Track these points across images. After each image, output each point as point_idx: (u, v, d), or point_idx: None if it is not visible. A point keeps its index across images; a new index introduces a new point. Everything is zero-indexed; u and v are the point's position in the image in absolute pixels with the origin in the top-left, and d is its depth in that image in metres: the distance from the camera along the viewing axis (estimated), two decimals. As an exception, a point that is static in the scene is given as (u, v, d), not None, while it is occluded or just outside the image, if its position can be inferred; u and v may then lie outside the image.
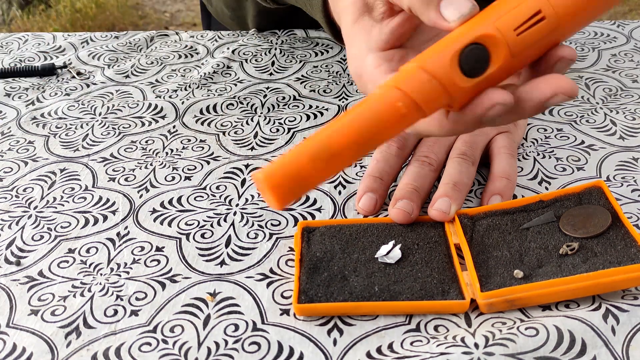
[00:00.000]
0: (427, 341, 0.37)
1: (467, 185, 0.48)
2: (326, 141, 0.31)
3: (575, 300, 0.39)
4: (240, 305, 0.40)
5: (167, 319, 0.40)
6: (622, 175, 0.50)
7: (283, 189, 0.31)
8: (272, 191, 0.31)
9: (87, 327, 0.39)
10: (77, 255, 0.45)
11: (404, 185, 0.47)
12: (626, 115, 0.58)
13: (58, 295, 0.42)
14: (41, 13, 3.18)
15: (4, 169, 0.55)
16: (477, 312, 0.39)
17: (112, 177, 0.53)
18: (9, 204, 0.50)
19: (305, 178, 0.31)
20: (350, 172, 0.52)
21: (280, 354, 0.37)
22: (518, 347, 0.36)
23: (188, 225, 0.47)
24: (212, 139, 0.58)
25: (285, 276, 0.43)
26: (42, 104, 0.65)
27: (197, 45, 0.76)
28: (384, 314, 0.39)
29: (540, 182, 0.50)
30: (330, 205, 0.49)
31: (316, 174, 0.31)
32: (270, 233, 0.46)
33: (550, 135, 0.56)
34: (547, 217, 0.44)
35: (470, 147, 0.50)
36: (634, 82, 0.64)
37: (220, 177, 0.53)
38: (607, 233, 0.41)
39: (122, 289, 0.42)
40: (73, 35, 0.79)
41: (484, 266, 0.41)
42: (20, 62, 0.74)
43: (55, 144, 0.58)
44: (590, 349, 0.36)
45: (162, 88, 0.67)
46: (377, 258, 0.42)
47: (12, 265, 0.44)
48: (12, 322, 0.40)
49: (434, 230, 0.45)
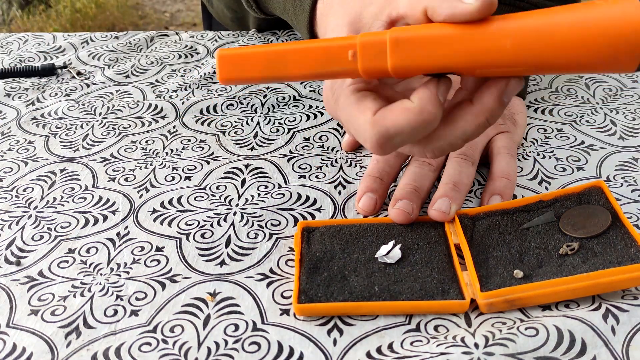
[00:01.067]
0: (427, 341, 0.37)
1: (467, 185, 0.48)
2: (281, 59, 0.36)
3: (575, 300, 0.39)
4: (240, 305, 0.40)
5: (167, 319, 0.40)
6: (622, 175, 0.50)
7: (230, 75, 0.37)
8: (220, 69, 0.37)
9: (87, 327, 0.39)
10: (77, 255, 0.45)
11: (403, 185, 0.47)
12: (626, 116, 0.58)
13: (58, 295, 0.42)
14: (41, 13, 3.18)
15: (4, 169, 0.55)
16: (477, 312, 0.39)
17: (112, 177, 0.53)
18: (9, 204, 0.50)
19: (252, 76, 0.37)
20: (350, 172, 0.53)
21: (280, 354, 0.37)
22: (518, 347, 0.36)
23: (188, 225, 0.47)
24: (212, 139, 0.58)
25: (285, 276, 0.43)
26: (42, 104, 0.65)
27: (197, 45, 0.76)
28: (384, 314, 0.39)
29: (540, 182, 0.50)
30: (330, 205, 0.49)
31: (262, 76, 0.37)
32: (270, 233, 0.46)
33: (550, 135, 0.56)
34: (547, 217, 0.44)
35: (470, 147, 0.50)
36: (634, 82, 0.64)
37: (220, 177, 0.53)
38: (607, 233, 0.41)
39: (122, 289, 0.42)
40: (73, 36, 0.79)
41: (484, 266, 0.41)
42: (20, 62, 0.74)
43: (55, 144, 0.58)
44: (590, 348, 0.36)
45: (162, 88, 0.67)
46: (377, 258, 0.42)
47: (12, 265, 0.44)
48: (12, 322, 0.40)
49: (434, 230, 0.45)
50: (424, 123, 0.35)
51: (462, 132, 0.37)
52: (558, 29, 0.33)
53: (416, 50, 0.34)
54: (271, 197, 0.50)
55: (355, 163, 0.54)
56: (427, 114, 0.35)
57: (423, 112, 0.34)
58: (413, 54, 0.34)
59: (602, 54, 0.32)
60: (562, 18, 0.33)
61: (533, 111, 0.60)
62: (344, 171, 0.53)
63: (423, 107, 0.34)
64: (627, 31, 0.31)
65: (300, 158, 0.55)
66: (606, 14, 0.32)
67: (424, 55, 0.34)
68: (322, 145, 0.56)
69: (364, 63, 0.35)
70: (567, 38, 0.32)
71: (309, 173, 0.53)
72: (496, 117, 0.37)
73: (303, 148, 0.56)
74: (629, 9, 0.31)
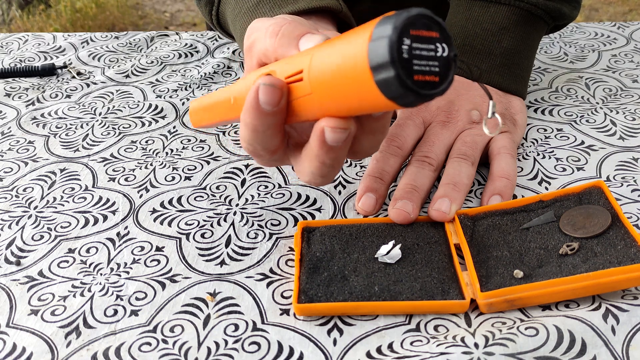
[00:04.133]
0: (427, 341, 0.37)
1: (467, 185, 0.48)
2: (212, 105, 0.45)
3: (575, 300, 0.39)
4: (240, 305, 0.40)
5: (167, 319, 0.40)
6: (622, 175, 0.50)
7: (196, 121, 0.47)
8: (190, 117, 0.48)
9: (87, 327, 0.39)
10: (77, 255, 0.45)
11: (403, 185, 0.47)
12: (626, 116, 0.58)
13: (58, 295, 0.42)
14: (41, 13, 3.18)
15: (4, 169, 0.55)
16: (477, 312, 0.39)
17: (112, 177, 0.53)
18: (9, 204, 0.50)
19: (205, 120, 0.46)
20: (350, 172, 0.53)
21: (280, 354, 0.37)
22: (518, 347, 0.36)
23: (188, 225, 0.47)
24: (212, 139, 0.58)
25: (285, 276, 0.43)
26: (42, 104, 0.65)
27: (197, 44, 0.76)
28: (384, 314, 0.39)
29: (540, 182, 0.50)
30: (330, 205, 0.49)
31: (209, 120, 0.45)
32: (270, 233, 0.46)
33: (550, 135, 0.56)
34: (547, 217, 0.44)
35: (470, 148, 0.50)
36: (634, 82, 0.64)
37: (220, 177, 0.53)
38: (607, 233, 0.41)
39: (122, 289, 0.42)
40: (73, 36, 0.79)
41: (484, 266, 0.41)
42: (20, 62, 0.74)
43: (55, 144, 0.58)
44: (590, 348, 0.36)
45: (162, 88, 0.67)
46: (377, 258, 0.42)
47: (12, 265, 0.44)
48: (12, 322, 0.40)
49: (434, 230, 0.45)
50: (245, 125, 0.37)
51: (309, 170, 0.38)
52: (324, 49, 0.32)
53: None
54: (271, 197, 0.50)
55: (355, 163, 0.54)
56: (244, 114, 0.37)
57: (244, 114, 0.37)
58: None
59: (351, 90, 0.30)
60: (331, 42, 0.32)
61: (533, 111, 0.60)
62: (344, 171, 0.53)
63: (244, 111, 0.37)
64: (360, 78, 0.29)
65: (300, 158, 0.55)
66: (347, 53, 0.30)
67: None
68: (322, 145, 0.56)
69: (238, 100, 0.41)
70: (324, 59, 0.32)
71: (309, 173, 0.53)
72: (334, 160, 0.36)
73: (303, 148, 0.56)
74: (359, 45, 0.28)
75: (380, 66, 0.27)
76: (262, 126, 0.37)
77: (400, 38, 0.27)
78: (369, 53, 0.27)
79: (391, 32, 0.27)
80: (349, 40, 0.30)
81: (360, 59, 0.28)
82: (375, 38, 0.27)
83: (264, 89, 0.35)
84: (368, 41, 0.28)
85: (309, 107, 0.34)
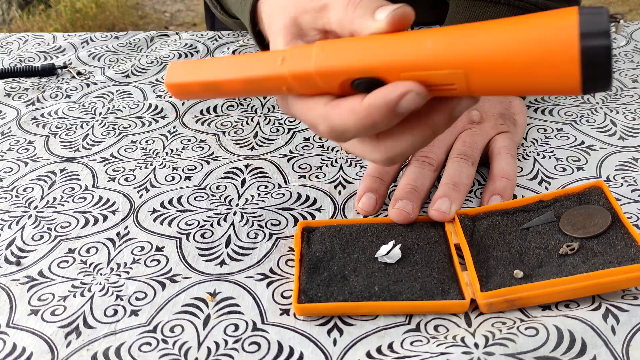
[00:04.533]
0: (427, 341, 0.37)
1: (467, 185, 0.48)
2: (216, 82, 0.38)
3: (575, 300, 0.39)
4: (240, 305, 0.40)
5: (167, 319, 0.40)
6: (622, 175, 0.50)
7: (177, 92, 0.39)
8: (169, 88, 0.39)
9: (87, 327, 0.39)
10: (77, 255, 0.45)
11: (403, 185, 0.47)
12: (626, 116, 0.58)
13: (58, 295, 0.42)
14: (41, 13, 3.18)
15: (4, 169, 0.55)
16: (477, 312, 0.39)
17: (112, 177, 0.53)
18: (9, 204, 0.50)
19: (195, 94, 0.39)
20: (350, 172, 0.53)
21: (280, 354, 0.37)
22: (518, 347, 0.36)
23: (188, 225, 0.47)
24: (212, 139, 0.58)
25: (285, 276, 0.43)
26: (42, 104, 0.65)
27: (197, 44, 0.76)
28: (384, 314, 0.39)
29: (540, 182, 0.50)
30: (330, 205, 0.49)
31: (205, 95, 0.39)
32: (270, 233, 0.46)
33: (550, 135, 0.56)
34: (547, 217, 0.44)
35: (470, 148, 0.50)
36: (634, 82, 0.64)
37: (220, 177, 0.53)
38: (607, 233, 0.41)
39: (122, 289, 0.42)
40: (73, 36, 0.79)
41: (484, 266, 0.41)
42: (20, 62, 0.74)
43: (55, 144, 0.58)
44: (590, 348, 0.36)
45: (162, 88, 0.67)
46: (377, 258, 0.42)
47: (12, 265, 0.44)
48: (12, 322, 0.40)
49: (434, 230, 0.45)
50: (369, 126, 0.34)
51: (410, 142, 0.36)
52: (486, 36, 0.30)
53: (338, 52, 0.34)
54: (271, 197, 0.50)
55: (355, 163, 0.54)
56: (372, 118, 0.34)
57: (369, 117, 0.34)
58: (335, 55, 0.34)
59: (535, 73, 0.29)
60: (491, 26, 0.31)
61: (533, 111, 0.60)
62: (344, 171, 0.53)
63: (370, 113, 0.34)
64: (561, 51, 0.28)
65: (300, 158, 0.55)
66: (538, 29, 0.29)
67: (345, 57, 0.34)
68: (322, 145, 0.56)
69: (290, 66, 0.35)
70: (496, 48, 0.30)
71: (309, 173, 0.53)
72: (443, 130, 0.36)
73: (303, 148, 0.56)
74: (566, 26, 0.28)
75: (596, 35, 0.27)
76: (383, 124, 0.34)
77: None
78: (580, 25, 0.27)
79: (603, 10, 0.27)
80: (530, 25, 0.29)
81: (567, 34, 0.27)
82: (585, 13, 0.28)
83: (413, 97, 0.32)
84: (577, 15, 0.28)
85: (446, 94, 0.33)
